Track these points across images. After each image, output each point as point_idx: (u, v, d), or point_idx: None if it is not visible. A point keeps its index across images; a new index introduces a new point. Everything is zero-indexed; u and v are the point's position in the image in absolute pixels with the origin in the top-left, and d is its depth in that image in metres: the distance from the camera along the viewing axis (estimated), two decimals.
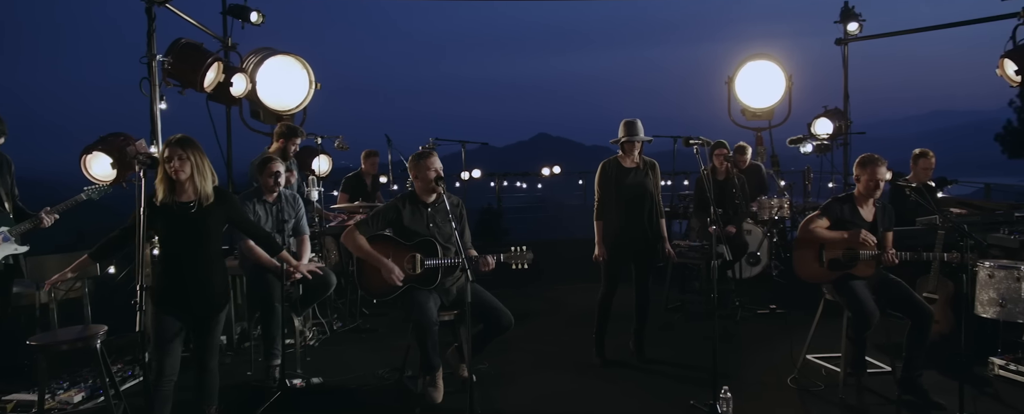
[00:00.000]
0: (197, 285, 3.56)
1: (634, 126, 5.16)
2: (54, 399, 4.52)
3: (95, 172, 5.62)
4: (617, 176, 5.19)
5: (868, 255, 4.45)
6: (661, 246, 5.31)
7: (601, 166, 5.28)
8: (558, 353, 5.63)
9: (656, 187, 5.27)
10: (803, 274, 4.65)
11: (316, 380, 4.93)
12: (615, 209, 5.17)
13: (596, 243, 5.25)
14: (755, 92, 9.36)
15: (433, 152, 4.46)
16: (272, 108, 7.89)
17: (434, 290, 4.42)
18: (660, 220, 5.31)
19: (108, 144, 5.64)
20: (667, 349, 5.63)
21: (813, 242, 4.57)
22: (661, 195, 5.35)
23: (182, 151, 3.43)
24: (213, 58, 6.12)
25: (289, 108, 8.12)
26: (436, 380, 4.42)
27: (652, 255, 5.26)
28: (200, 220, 3.52)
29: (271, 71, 7.79)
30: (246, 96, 7.41)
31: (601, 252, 5.21)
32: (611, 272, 5.24)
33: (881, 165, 4.44)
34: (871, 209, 4.57)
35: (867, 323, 4.35)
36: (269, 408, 4.43)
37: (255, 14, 7.75)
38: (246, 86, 7.26)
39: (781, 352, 5.18)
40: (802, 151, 8.97)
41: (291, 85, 8.12)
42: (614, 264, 5.22)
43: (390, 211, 4.48)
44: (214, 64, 6.15)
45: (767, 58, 9.24)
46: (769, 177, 8.30)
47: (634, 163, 5.22)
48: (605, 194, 5.23)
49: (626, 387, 4.86)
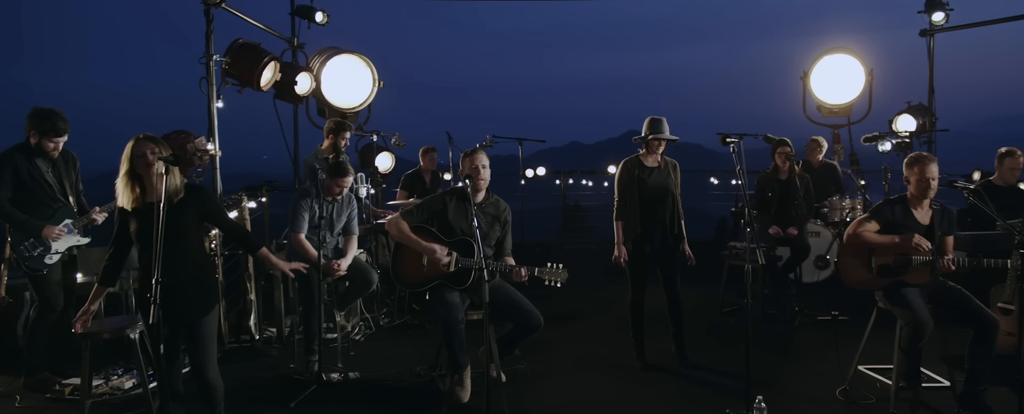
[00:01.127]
0: (177, 287, 3.36)
1: (659, 124, 5.02)
2: (108, 384, 4.74)
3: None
4: (640, 175, 5.04)
5: (921, 261, 4.16)
6: (682, 247, 5.14)
7: (622, 164, 5.15)
8: (599, 355, 5.52)
9: (677, 187, 5.11)
10: (851, 281, 4.39)
11: (353, 374, 4.99)
12: (636, 209, 5.03)
13: (616, 244, 5.12)
14: (832, 87, 8.94)
15: (479, 152, 4.42)
16: (336, 106, 8.07)
17: (467, 289, 4.39)
18: (681, 221, 5.15)
19: (170, 141, 5.86)
20: (714, 354, 5.44)
21: (861, 247, 4.30)
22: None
23: (153, 146, 3.32)
24: (269, 57, 6.30)
25: (353, 106, 8.29)
26: (463, 379, 4.40)
27: (676, 256, 5.10)
28: (172, 219, 3.30)
29: (336, 70, 7.98)
30: (312, 94, 7.62)
31: (621, 253, 5.08)
32: (635, 274, 5.11)
33: (930, 163, 4.14)
34: (927, 211, 4.27)
35: (920, 333, 4.06)
36: (303, 401, 4.52)
37: (320, 14, 7.95)
38: (310, 85, 7.46)
39: (836, 362, 4.91)
40: (880, 149, 8.47)
41: (355, 83, 8.29)
42: (637, 265, 5.09)
43: (436, 202, 4.48)
44: (270, 63, 6.33)
45: (846, 51, 8.79)
46: (846, 176, 7.90)
47: (657, 162, 5.07)
48: (626, 193, 5.10)
49: (662, 392, 4.71)
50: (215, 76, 5.91)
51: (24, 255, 4.67)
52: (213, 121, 5.92)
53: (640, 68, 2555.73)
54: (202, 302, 3.51)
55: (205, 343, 3.52)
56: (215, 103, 5.91)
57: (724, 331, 6.25)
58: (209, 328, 3.54)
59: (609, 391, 4.75)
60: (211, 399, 3.58)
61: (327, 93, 7.91)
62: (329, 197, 5.21)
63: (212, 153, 5.87)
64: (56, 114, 4.73)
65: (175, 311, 3.43)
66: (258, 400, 4.60)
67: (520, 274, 4.28)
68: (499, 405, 4.34)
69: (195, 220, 3.51)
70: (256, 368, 5.28)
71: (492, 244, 4.48)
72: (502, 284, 4.48)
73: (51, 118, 4.69)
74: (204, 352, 3.51)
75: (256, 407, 4.50)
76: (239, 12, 6.40)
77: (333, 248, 5.30)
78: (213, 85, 5.90)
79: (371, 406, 4.51)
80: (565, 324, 6.62)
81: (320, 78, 7.74)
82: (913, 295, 4.16)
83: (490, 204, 4.50)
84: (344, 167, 5.17)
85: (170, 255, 3.31)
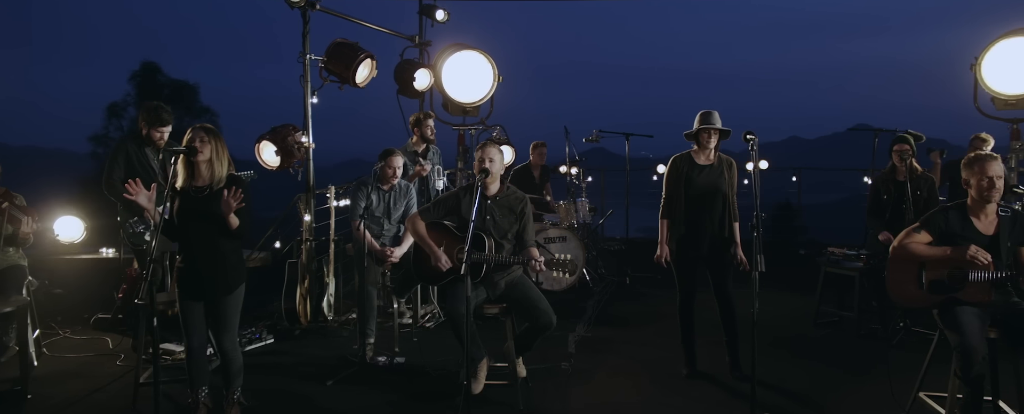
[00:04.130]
0: (205, 267, 3.80)
1: (710, 116, 4.67)
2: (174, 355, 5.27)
3: (265, 158, 6.44)
4: (688, 173, 4.74)
5: (980, 276, 3.59)
6: (733, 251, 4.76)
7: (672, 161, 4.86)
8: (650, 359, 5.29)
9: (731, 187, 4.73)
10: (898, 298, 3.87)
11: (399, 360, 5.19)
12: (681, 208, 4.75)
13: (659, 243, 4.86)
14: (1009, 76, 7.79)
15: (487, 144, 4.45)
16: (457, 101, 8.34)
17: (480, 283, 4.42)
18: (734, 223, 4.77)
19: (276, 134, 6.44)
20: (778, 367, 5.01)
21: (909, 260, 3.79)
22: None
23: (205, 135, 3.73)
24: (364, 55, 6.66)
25: (473, 101, 8.51)
26: (477, 371, 4.44)
27: (726, 259, 4.75)
28: (209, 204, 3.72)
29: (456, 66, 8.23)
30: (436, 90, 7.94)
31: (663, 253, 4.82)
32: (681, 276, 4.83)
33: (992, 161, 3.55)
34: (991, 219, 3.67)
35: (969, 360, 3.50)
36: (342, 379, 4.81)
37: (441, 12, 8.28)
38: (429, 81, 7.79)
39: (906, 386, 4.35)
40: None
41: (475, 79, 8.49)
42: (682, 268, 4.81)
43: (450, 199, 4.58)
44: (365, 60, 6.69)
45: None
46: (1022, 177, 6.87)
47: (709, 160, 4.73)
48: (673, 191, 4.81)
49: (691, 402, 4.43)
50: (311, 74, 6.38)
51: (128, 231, 5.34)
52: (308, 116, 6.39)
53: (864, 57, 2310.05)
54: (224, 282, 3.87)
55: (224, 319, 3.90)
56: (310, 99, 6.38)
57: (804, 345, 5.74)
58: (230, 306, 3.90)
59: (638, 397, 4.55)
60: (227, 367, 3.99)
61: (448, 88, 8.20)
62: (385, 185, 5.45)
63: (306, 145, 6.35)
64: (162, 107, 5.36)
65: (201, 288, 3.85)
66: (305, 375, 4.94)
67: (535, 266, 4.22)
68: (513, 400, 4.35)
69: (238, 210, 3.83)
70: (321, 347, 5.65)
71: (510, 237, 4.47)
72: (521, 280, 4.46)
73: (157, 111, 5.33)
74: (221, 326, 3.91)
75: (299, 381, 4.84)
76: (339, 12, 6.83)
77: (392, 236, 5.54)
78: (308, 82, 6.37)
79: (396, 390, 4.67)
80: (634, 324, 6.43)
81: (440, 74, 8.03)
82: (967, 316, 3.59)
83: (504, 197, 4.48)
84: (390, 150, 5.41)
85: (200, 238, 3.79)
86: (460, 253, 4.47)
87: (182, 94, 33.58)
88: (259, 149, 6.48)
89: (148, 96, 32.73)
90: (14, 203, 5.12)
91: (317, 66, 6.44)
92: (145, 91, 32.57)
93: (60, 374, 5.07)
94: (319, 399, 4.54)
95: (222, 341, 3.93)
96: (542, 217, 8.13)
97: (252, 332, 5.72)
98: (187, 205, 3.77)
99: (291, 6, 6.20)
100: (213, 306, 3.90)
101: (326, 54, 6.49)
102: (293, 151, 6.38)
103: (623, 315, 6.74)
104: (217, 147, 3.79)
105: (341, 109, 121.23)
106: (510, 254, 4.43)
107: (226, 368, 3.99)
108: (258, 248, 6.81)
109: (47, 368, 5.23)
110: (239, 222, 3.76)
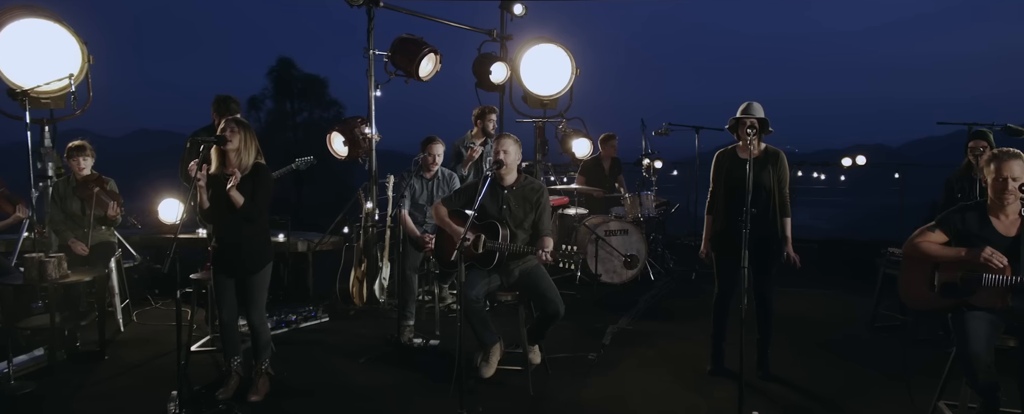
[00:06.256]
0: (230, 247, 4.18)
1: (748, 108, 4.54)
2: None
3: (335, 148, 6.83)
4: (730, 167, 4.63)
5: (995, 280, 3.36)
6: (782, 248, 4.60)
7: (716, 156, 4.76)
8: (681, 354, 5.24)
9: (777, 181, 4.56)
10: (908, 299, 3.68)
11: (433, 342, 5.42)
12: (724, 203, 4.64)
13: (703, 239, 4.78)
14: None
15: (504, 136, 4.56)
16: (535, 94, 8.47)
17: (495, 270, 4.55)
18: (784, 219, 4.60)
19: (345, 125, 6.82)
20: (812, 368, 4.87)
21: (922, 260, 3.59)
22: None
23: (235, 126, 4.09)
24: (428, 50, 6.88)
25: (551, 94, 8.61)
26: (488, 356, 4.59)
27: (768, 257, 4.60)
28: (237, 189, 4.04)
29: (534, 59, 8.36)
30: (515, 83, 8.11)
31: (707, 248, 4.74)
32: (721, 271, 4.73)
33: (1011, 159, 3.31)
34: (1014, 221, 3.42)
35: (970, 369, 3.30)
36: (374, 358, 5.11)
37: (519, 6, 8.40)
38: (506, 74, 7.97)
39: (947, 392, 4.09)
40: None
41: (553, 72, 8.58)
42: (722, 264, 4.71)
43: (470, 189, 4.73)
44: (429, 55, 6.91)
45: None
46: None
47: (753, 153, 4.56)
48: (716, 186, 4.73)
49: (701, 399, 4.38)
50: (375, 68, 6.69)
51: None
52: (371, 108, 6.71)
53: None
54: (252, 262, 4.25)
55: (252, 295, 4.29)
56: (373, 92, 6.69)
57: (854, 346, 5.51)
58: (257, 284, 4.28)
59: (651, 391, 4.54)
60: (256, 340, 4.37)
61: (526, 81, 8.33)
62: (427, 173, 5.66)
63: (370, 137, 6.67)
64: (231, 99, 5.83)
65: (230, 266, 4.25)
66: (346, 353, 5.26)
67: (543, 255, 4.29)
68: (525, 385, 4.46)
69: (251, 193, 4.16)
70: (369, 327, 5.96)
71: (526, 227, 4.56)
72: (535, 269, 4.55)
73: (226, 102, 5.80)
74: (249, 301, 4.30)
75: (337, 357, 5.19)
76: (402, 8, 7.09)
77: (434, 223, 5.75)
78: (371, 76, 6.68)
79: (418, 370, 4.90)
80: (679, 319, 6.35)
81: (519, 67, 8.18)
82: (975, 322, 3.38)
83: (521, 187, 4.58)
84: (431, 137, 5.65)
85: (230, 219, 4.16)
86: (475, 241, 4.63)
87: (314, 87, 35.59)
88: (330, 139, 6.88)
89: (285, 89, 34.92)
90: (105, 188, 5.74)
91: (382, 61, 6.74)
92: (281, 85, 34.75)
93: (138, 340, 5.68)
94: (346, 374, 4.84)
95: (250, 316, 4.32)
96: (610, 210, 8.11)
97: (309, 310, 6.10)
98: (218, 191, 4.11)
99: (351, 4, 6.50)
100: (241, 284, 4.27)
101: (391, 49, 6.78)
102: (359, 142, 6.73)
103: (672, 309, 6.66)
104: (245, 137, 4.14)
105: (405, 105, 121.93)
106: (525, 243, 4.52)
107: (255, 341, 4.36)
108: (329, 233, 7.21)
109: (131, 334, 5.87)
110: (244, 201, 4.07)
